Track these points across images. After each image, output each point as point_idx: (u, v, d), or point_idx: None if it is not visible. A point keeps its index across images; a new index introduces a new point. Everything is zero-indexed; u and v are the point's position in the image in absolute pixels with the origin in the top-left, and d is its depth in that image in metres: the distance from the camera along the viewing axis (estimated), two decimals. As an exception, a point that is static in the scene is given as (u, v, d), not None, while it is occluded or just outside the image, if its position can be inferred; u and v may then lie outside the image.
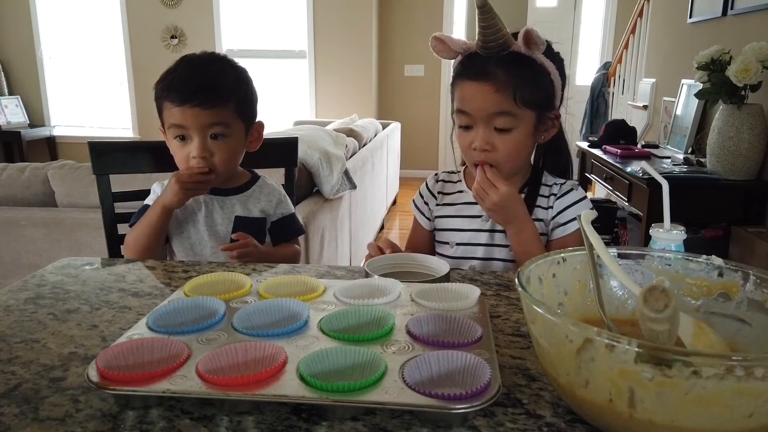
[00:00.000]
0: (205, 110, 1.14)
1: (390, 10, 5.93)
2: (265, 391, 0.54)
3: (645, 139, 3.42)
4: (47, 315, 0.80)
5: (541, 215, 1.11)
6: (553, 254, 0.64)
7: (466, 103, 1.04)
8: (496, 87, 0.99)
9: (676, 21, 3.20)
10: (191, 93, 1.13)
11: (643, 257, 0.67)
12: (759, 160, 2.22)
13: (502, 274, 0.98)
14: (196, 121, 1.14)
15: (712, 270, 0.63)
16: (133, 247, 1.20)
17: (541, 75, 1.02)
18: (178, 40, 5.72)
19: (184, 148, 1.17)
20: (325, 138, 2.69)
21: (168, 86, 1.15)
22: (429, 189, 1.23)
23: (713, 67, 2.25)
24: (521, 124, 1.03)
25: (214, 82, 1.17)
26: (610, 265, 0.58)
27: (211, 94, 1.14)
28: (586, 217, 0.60)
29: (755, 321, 0.59)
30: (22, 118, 5.79)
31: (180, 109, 1.13)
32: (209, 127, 1.15)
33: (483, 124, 1.03)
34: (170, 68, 1.18)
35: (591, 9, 5.81)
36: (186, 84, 1.14)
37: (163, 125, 1.20)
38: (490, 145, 1.03)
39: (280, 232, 1.31)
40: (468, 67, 1.03)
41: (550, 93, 1.05)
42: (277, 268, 1.02)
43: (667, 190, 0.80)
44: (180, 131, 1.16)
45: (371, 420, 0.54)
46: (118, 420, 0.55)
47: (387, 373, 0.56)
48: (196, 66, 1.19)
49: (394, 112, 5.91)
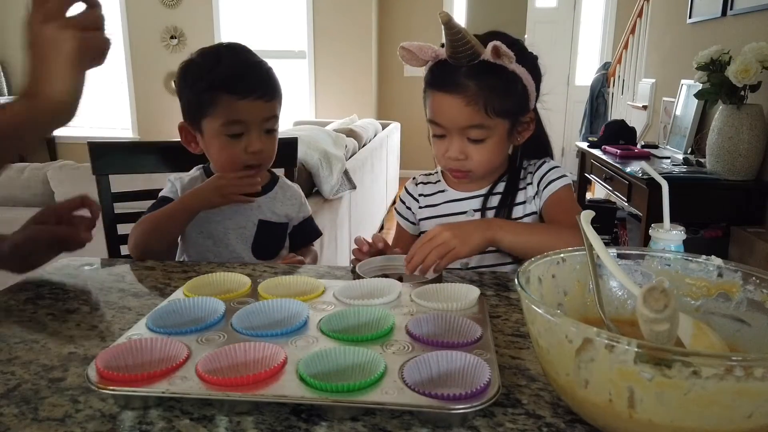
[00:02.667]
0: (266, 103, 1.09)
1: (390, 10, 5.93)
2: (264, 391, 0.54)
3: (644, 139, 3.42)
4: (47, 315, 0.80)
5: (524, 197, 1.12)
6: (552, 254, 0.64)
7: (438, 115, 1.04)
8: (467, 100, 0.99)
9: (675, 21, 3.20)
10: (254, 85, 1.06)
11: (642, 257, 0.67)
12: (758, 160, 2.22)
13: (501, 274, 0.98)
14: (258, 115, 1.08)
15: (711, 270, 0.63)
16: (140, 237, 1.10)
17: (512, 83, 1.01)
18: (177, 41, 5.72)
19: (237, 145, 1.10)
20: (324, 138, 2.69)
21: (226, 78, 1.06)
22: (410, 193, 1.22)
23: (713, 67, 2.26)
24: (494, 134, 1.03)
25: (268, 73, 1.11)
26: (610, 265, 0.58)
27: (271, 86, 1.10)
28: (586, 217, 0.60)
29: (755, 321, 0.59)
30: (22, 118, 5.79)
31: (243, 102, 1.06)
32: (265, 121, 1.10)
33: (456, 134, 1.04)
34: (206, 60, 1.10)
35: (590, 9, 5.81)
36: (247, 75, 1.07)
37: (198, 121, 1.10)
38: (464, 154, 1.04)
39: (300, 236, 1.27)
40: (438, 77, 1.03)
41: (522, 99, 1.04)
42: (276, 268, 1.02)
43: (666, 190, 0.80)
44: (238, 128, 1.08)
45: (371, 420, 0.54)
46: (117, 420, 0.54)
47: (386, 374, 0.56)
48: (244, 56, 1.11)
49: (393, 112, 5.92)
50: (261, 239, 1.20)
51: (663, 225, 0.81)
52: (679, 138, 2.89)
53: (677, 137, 2.91)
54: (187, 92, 1.12)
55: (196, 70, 1.10)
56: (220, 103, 1.07)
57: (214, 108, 1.08)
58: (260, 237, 1.19)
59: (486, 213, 1.12)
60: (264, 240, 1.20)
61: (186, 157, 1.22)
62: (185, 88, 1.12)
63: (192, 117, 1.12)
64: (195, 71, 1.10)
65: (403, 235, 1.24)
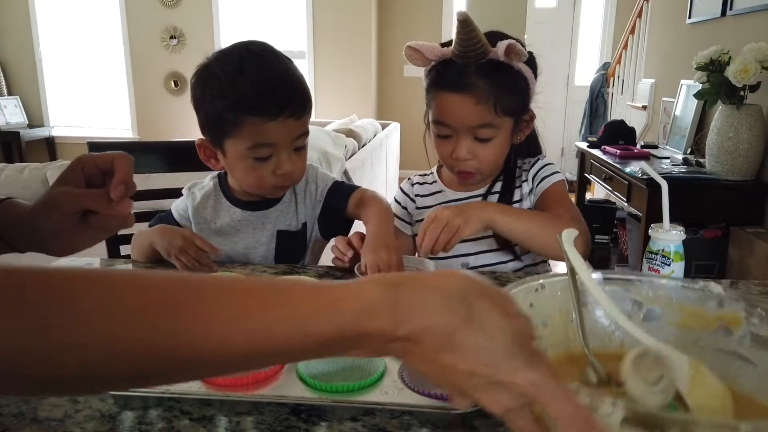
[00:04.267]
0: (298, 120, 0.97)
1: (389, 10, 5.93)
2: (264, 391, 0.54)
3: (644, 139, 3.42)
4: (46, 315, 0.80)
5: (520, 195, 1.12)
6: (530, 280, 0.56)
7: (446, 115, 1.03)
8: (477, 99, 0.99)
9: (675, 21, 3.20)
10: (286, 102, 0.94)
11: (632, 283, 0.59)
12: (758, 160, 2.22)
13: (501, 274, 0.98)
14: (288, 135, 0.97)
15: (710, 299, 0.55)
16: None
17: (519, 81, 1.02)
18: (177, 41, 5.71)
19: (265, 167, 0.99)
20: (324, 138, 2.69)
21: (251, 97, 0.93)
22: (405, 193, 1.22)
23: (712, 67, 2.25)
24: (501, 132, 1.03)
25: (300, 84, 0.99)
26: (595, 292, 0.50)
27: (302, 101, 0.98)
28: (567, 236, 0.53)
29: (760, 360, 0.51)
30: (21, 118, 5.79)
31: (273, 123, 0.94)
32: (296, 139, 1.00)
33: (464, 134, 1.03)
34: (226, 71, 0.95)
35: (590, 9, 5.80)
36: (276, 92, 0.94)
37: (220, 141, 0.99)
38: (472, 154, 1.04)
39: (337, 200, 1.12)
40: (445, 76, 1.02)
41: (526, 97, 1.05)
42: (276, 268, 1.02)
43: (666, 190, 0.81)
44: (266, 151, 0.97)
45: (370, 420, 0.54)
46: (117, 420, 0.54)
47: (386, 374, 0.56)
48: (270, 65, 0.97)
49: (393, 112, 5.91)
50: (282, 249, 1.12)
51: (662, 225, 0.81)
52: (678, 138, 2.89)
53: (677, 137, 2.91)
54: (205, 106, 0.98)
55: (215, 84, 0.96)
56: (245, 125, 0.95)
57: (238, 129, 0.95)
58: (281, 247, 1.12)
59: None
60: (286, 249, 1.13)
61: (186, 157, 1.22)
62: (203, 101, 0.98)
63: (212, 134, 1.01)
64: (214, 85, 0.96)
65: (401, 238, 1.21)
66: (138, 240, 1.09)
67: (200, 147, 1.06)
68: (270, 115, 0.94)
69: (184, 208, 1.14)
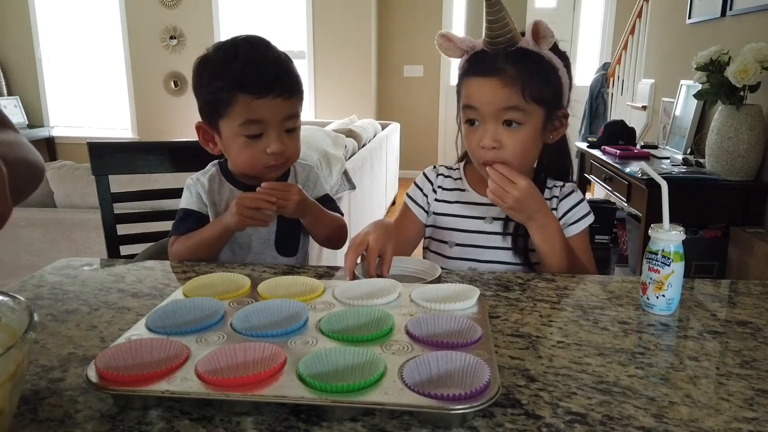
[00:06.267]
0: (286, 101, 1.04)
1: (389, 10, 5.93)
2: (264, 391, 0.54)
3: (644, 139, 3.42)
4: (46, 316, 0.80)
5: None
6: None
7: (473, 98, 1.01)
8: (505, 82, 0.98)
9: (675, 22, 3.20)
10: (273, 82, 1.02)
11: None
12: (758, 160, 2.22)
13: (501, 274, 0.98)
14: (277, 114, 1.04)
15: None
16: (188, 254, 1.09)
17: (550, 71, 1.01)
18: (177, 41, 5.72)
19: (257, 146, 1.06)
20: (324, 138, 2.69)
21: (241, 76, 1.01)
22: (429, 179, 1.20)
23: (712, 67, 2.26)
24: (530, 120, 1.01)
25: (288, 69, 1.06)
26: None
27: (291, 83, 1.05)
28: None
29: None
30: (21, 118, 5.79)
31: (261, 101, 1.01)
32: (285, 120, 1.06)
33: (491, 119, 1.01)
34: (221, 56, 1.04)
35: (590, 10, 5.81)
36: (265, 72, 1.02)
37: (215, 122, 1.07)
38: (499, 142, 1.01)
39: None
40: (475, 64, 1.02)
41: (558, 89, 1.03)
42: (276, 268, 1.02)
43: (666, 190, 0.81)
44: (256, 128, 1.04)
45: (370, 420, 0.54)
46: (117, 421, 0.54)
47: (386, 374, 0.56)
48: (262, 51, 1.06)
49: (393, 112, 5.91)
50: (282, 236, 1.18)
51: (662, 225, 0.81)
52: (678, 138, 2.89)
53: (676, 138, 2.91)
54: (203, 91, 1.07)
55: (211, 67, 1.05)
56: (236, 103, 1.02)
57: (230, 108, 1.03)
58: (281, 233, 1.17)
59: (508, 224, 1.10)
60: (285, 236, 1.18)
61: (186, 157, 1.22)
62: (201, 86, 1.07)
63: (209, 117, 1.09)
64: (210, 68, 1.05)
65: (410, 223, 1.19)
66: (194, 240, 1.09)
67: (199, 130, 1.12)
68: (259, 93, 1.01)
69: (198, 197, 1.15)
